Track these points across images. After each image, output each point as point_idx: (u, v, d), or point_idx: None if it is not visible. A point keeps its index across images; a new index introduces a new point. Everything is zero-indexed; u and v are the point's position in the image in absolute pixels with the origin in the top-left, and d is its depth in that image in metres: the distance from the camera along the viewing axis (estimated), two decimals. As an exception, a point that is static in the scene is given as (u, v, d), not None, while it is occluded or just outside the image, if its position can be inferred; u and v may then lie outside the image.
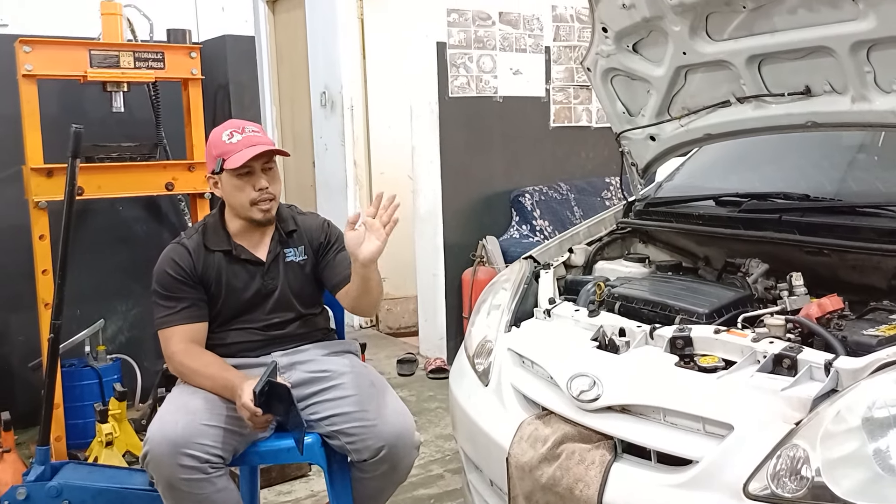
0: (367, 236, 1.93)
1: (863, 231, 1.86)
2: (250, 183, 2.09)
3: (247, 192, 2.09)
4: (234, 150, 2.06)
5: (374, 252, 1.93)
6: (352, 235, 1.94)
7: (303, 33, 5.65)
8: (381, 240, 1.93)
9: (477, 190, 4.53)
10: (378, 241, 1.93)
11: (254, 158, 2.06)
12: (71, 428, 3.08)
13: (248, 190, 2.09)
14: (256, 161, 2.08)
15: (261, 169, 2.10)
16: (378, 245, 1.93)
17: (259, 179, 2.09)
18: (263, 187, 2.09)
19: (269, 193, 2.10)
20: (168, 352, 2.09)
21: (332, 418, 2.02)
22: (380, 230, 1.93)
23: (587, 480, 1.57)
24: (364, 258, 1.94)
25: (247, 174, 2.08)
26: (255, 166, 2.08)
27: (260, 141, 2.09)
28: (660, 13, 2.07)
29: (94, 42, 3.16)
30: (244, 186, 2.09)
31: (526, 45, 4.60)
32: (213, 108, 3.68)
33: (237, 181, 2.09)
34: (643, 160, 2.57)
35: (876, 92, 1.84)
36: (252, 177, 2.09)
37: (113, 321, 3.69)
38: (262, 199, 2.10)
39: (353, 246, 1.94)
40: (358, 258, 1.94)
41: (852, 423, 1.34)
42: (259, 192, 2.09)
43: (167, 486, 1.90)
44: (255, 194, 2.09)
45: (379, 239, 1.93)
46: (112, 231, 3.70)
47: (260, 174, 2.09)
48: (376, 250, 1.93)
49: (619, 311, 2.00)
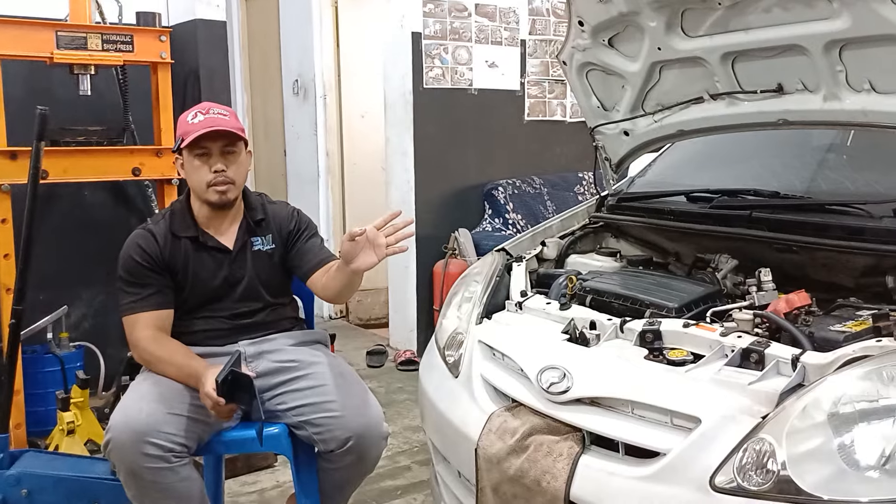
0: (366, 250, 1.88)
1: (831, 229, 1.88)
2: (207, 164, 2.06)
3: (203, 173, 2.06)
4: (193, 129, 2.04)
5: (368, 265, 1.89)
6: (348, 247, 1.88)
7: (276, 20, 5.58)
8: (380, 257, 1.88)
9: (450, 182, 4.51)
10: (375, 258, 1.88)
11: (211, 140, 2.03)
12: (31, 415, 3.02)
13: (205, 171, 2.06)
14: (214, 142, 2.05)
15: (220, 152, 2.06)
16: (374, 261, 1.88)
17: (216, 162, 2.06)
18: (219, 169, 2.06)
19: (224, 176, 2.07)
20: (133, 339, 2.05)
21: (300, 408, 2.00)
22: (381, 248, 1.87)
23: (555, 472, 1.57)
24: (356, 268, 1.90)
25: (204, 155, 2.06)
26: (212, 147, 2.05)
27: (221, 123, 2.06)
28: (636, 8, 2.07)
29: (61, 23, 3.09)
30: (201, 167, 2.06)
31: (502, 38, 4.60)
32: (183, 93, 3.62)
33: (195, 161, 2.06)
34: (617, 155, 2.58)
35: (847, 91, 1.86)
36: (210, 158, 2.06)
37: (77, 308, 3.62)
38: (217, 181, 2.06)
39: (348, 257, 1.89)
40: (350, 267, 1.91)
41: (818, 418, 1.36)
42: (215, 173, 2.06)
43: (129, 474, 1.86)
44: (210, 176, 2.06)
45: (378, 256, 1.88)
46: (77, 216, 3.63)
47: (218, 156, 2.06)
48: (370, 264, 1.89)
49: (591, 305, 2.01)
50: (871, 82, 1.81)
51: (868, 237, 1.80)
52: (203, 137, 2.03)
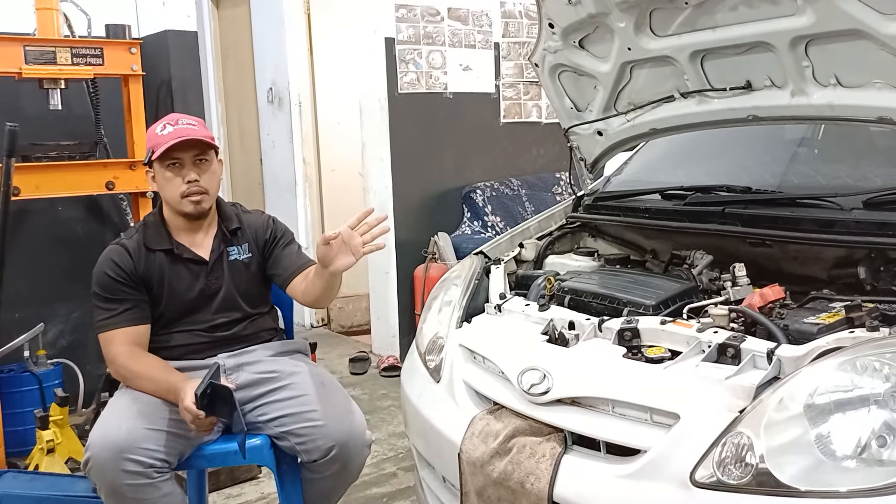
0: (343, 251, 1.88)
1: (803, 222, 1.89)
2: (180, 175, 2.05)
3: (176, 185, 2.05)
4: (163, 141, 2.02)
5: (346, 266, 1.89)
6: (324, 251, 1.88)
7: (248, 29, 5.56)
8: (358, 256, 1.88)
9: (428, 186, 4.52)
10: (353, 258, 1.88)
11: (182, 150, 2.02)
12: (10, 435, 2.97)
13: (178, 182, 2.05)
14: (185, 153, 2.03)
15: (192, 162, 2.05)
16: (352, 261, 1.88)
17: (189, 172, 2.04)
18: (192, 179, 2.05)
19: (198, 186, 2.06)
20: (109, 355, 2.04)
21: (281, 419, 1.99)
22: (358, 247, 1.87)
23: (538, 474, 1.58)
24: (334, 270, 1.90)
25: (176, 166, 2.04)
26: (184, 158, 2.04)
27: (191, 133, 2.04)
28: (605, 9, 2.08)
29: (28, 38, 3.05)
30: (173, 179, 2.05)
31: (475, 42, 4.61)
32: (156, 105, 3.59)
33: (167, 173, 2.05)
34: (591, 155, 2.59)
35: (814, 86, 1.89)
36: (182, 169, 2.05)
37: (53, 324, 3.58)
38: (191, 191, 2.05)
39: (325, 261, 1.89)
40: (328, 269, 1.91)
41: (794, 409, 1.37)
42: (188, 184, 2.04)
43: (110, 492, 1.85)
44: (184, 187, 2.05)
45: (356, 255, 1.88)
46: (51, 231, 3.58)
47: (190, 166, 2.05)
48: (348, 265, 1.89)
49: (569, 305, 2.02)
50: (837, 77, 1.84)
51: (839, 229, 1.81)
52: (174, 148, 2.01)
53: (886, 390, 1.33)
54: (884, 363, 1.36)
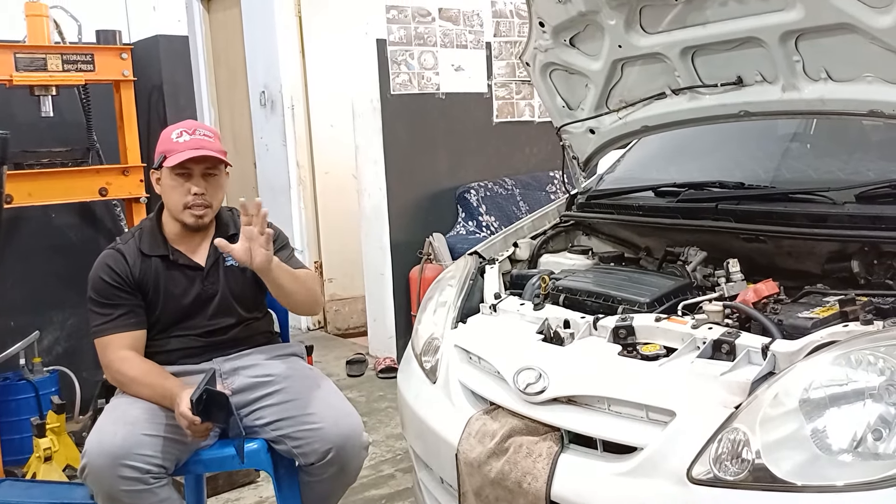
0: (254, 247, 1.88)
1: (796, 217, 1.89)
2: (186, 185, 2.04)
3: (181, 194, 2.05)
4: (177, 149, 2.02)
5: (263, 261, 1.89)
6: (239, 251, 1.88)
7: (239, 32, 5.55)
8: (263, 246, 1.88)
9: (422, 187, 4.51)
10: (262, 251, 1.88)
11: (195, 162, 2.02)
12: (7, 444, 2.97)
13: (183, 192, 2.05)
14: (196, 164, 2.03)
15: (201, 174, 2.05)
16: (265, 254, 1.89)
17: (196, 183, 2.04)
18: (198, 192, 2.05)
19: (203, 199, 2.06)
20: (105, 361, 2.03)
21: (277, 423, 1.99)
22: (257, 239, 1.87)
23: (535, 473, 1.58)
24: (256, 267, 1.90)
25: (185, 175, 2.04)
26: (194, 169, 2.04)
27: (207, 146, 2.05)
28: (595, 7, 2.08)
29: (19, 45, 3.05)
30: (179, 187, 2.05)
31: (467, 42, 4.61)
32: (148, 110, 3.59)
33: (174, 181, 2.05)
34: (584, 153, 2.59)
35: (805, 80, 1.89)
36: (190, 179, 2.04)
37: (49, 332, 3.57)
38: (195, 203, 2.05)
39: (244, 260, 1.90)
40: (251, 268, 1.91)
41: (790, 404, 1.37)
42: (193, 196, 2.04)
43: (108, 498, 1.85)
44: (188, 198, 2.05)
45: (264, 247, 1.88)
46: (45, 239, 3.57)
47: (199, 178, 2.05)
48: (266, 258, 1.89)
49: (564, 304, 2.01)
50: (828, 71, 1.84)
51: (832, 224, 1.82)
52: (187, 159, 2.01)
53: (881, 384, 1.33)
54: (878, 357, 1.36)
